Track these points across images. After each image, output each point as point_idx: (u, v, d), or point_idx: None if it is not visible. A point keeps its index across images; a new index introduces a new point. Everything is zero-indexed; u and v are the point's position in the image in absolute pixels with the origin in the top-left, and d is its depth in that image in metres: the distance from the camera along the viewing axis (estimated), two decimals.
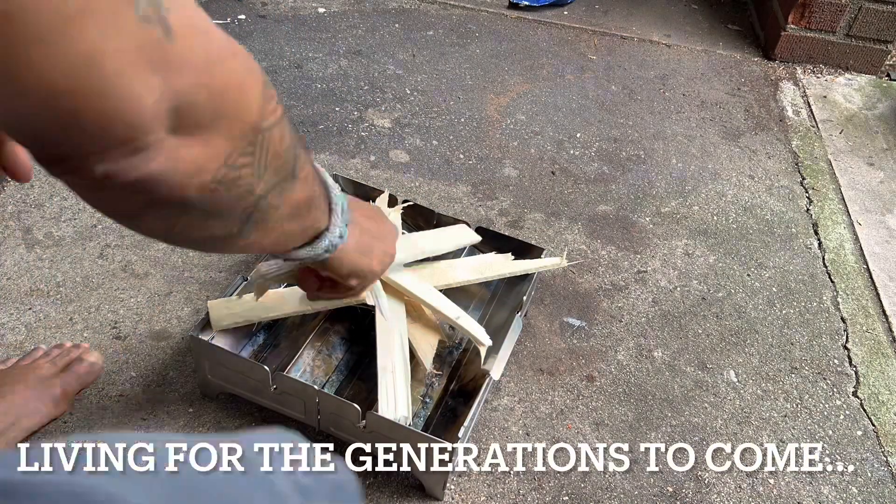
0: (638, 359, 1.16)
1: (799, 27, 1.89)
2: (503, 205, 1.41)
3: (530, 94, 1.71)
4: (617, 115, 1.68)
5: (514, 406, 1.06)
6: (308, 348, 0.99)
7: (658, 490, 0.99)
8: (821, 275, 1.35)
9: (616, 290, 1.27)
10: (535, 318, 1.19)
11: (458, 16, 1.96)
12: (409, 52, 1.79)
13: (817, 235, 1.44)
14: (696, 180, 1.53)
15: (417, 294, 0.98)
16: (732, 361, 1.18)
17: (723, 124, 1.70)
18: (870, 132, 1.75)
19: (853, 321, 1.27)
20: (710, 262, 1.35)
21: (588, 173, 1.51)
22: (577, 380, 1.11)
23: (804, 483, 1.03)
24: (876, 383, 1.17)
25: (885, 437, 1.10)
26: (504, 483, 0.97)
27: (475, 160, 1.50)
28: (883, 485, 1.04)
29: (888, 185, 1.60)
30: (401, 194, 1.24)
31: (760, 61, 1.95)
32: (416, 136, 1.54)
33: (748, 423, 1.09)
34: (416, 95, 1.65)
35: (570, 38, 1.94)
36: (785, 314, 1.27)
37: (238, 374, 0.94)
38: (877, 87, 1.90)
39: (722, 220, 1.44)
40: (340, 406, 0.88)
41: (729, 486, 1.01)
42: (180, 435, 0.50)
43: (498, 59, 1.81)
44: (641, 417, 1.08)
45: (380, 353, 0.94)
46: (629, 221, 1.41)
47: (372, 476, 0.96)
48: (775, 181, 1.56)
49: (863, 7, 1.83)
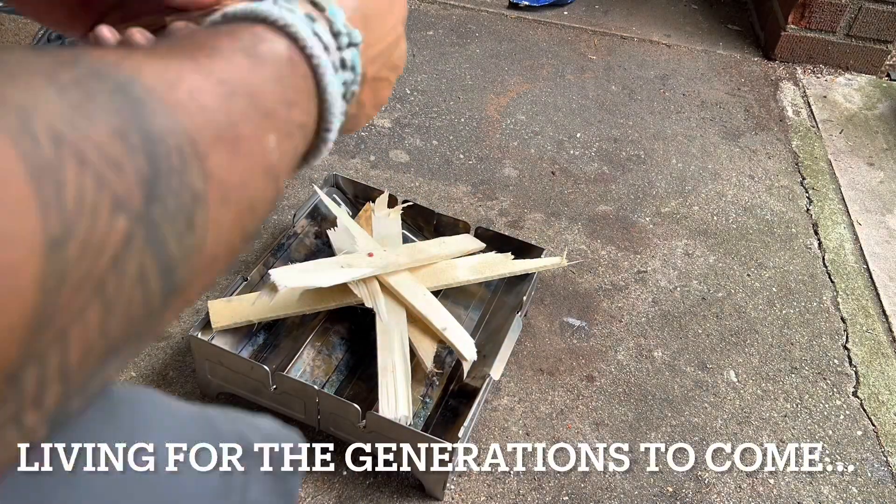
0: (638, 359, 1.16)
1: (799, 27, 1.89)
2: (503, 205, 1.41)
3: (530, 94, 1.71)
4: (617, 115, 1.68)
5: (514, 406, 1.06)
6: (308, 348, 0.99)
7: (658, 490, 0.99)
8: (821, 275, 1.35)
9: (616, 290, 1.27)
10: (535, 318, 1.19)
11: (458, 16, 1.96)
12: (409, 52, 1.79)
13: (817, 235, 1.44)
14: (696, 180, 1.53)
15: (410, 300, 0.98)
16: (732, 361, 1.18)
17: (723, 124, 1.70)
18: (870, 132, 1.75)
19: (853, 321, 1.27)
20: (710, 262, 1.35)
21: (588, 173, 1.51)
22: (577, 380, 1.11)
23: (804, 483, 1.03)
24: (876, 383, 1.17)
25: (885, 437, 1.10)
26: (504, 483, 0.97)
27: (475, 160, 1.50)
28: (883, 485, 1.04)
29: (888, 185, 1.60)
30: (401, 194, 1.24)
31: (760, 61, 1.95)
32: (416, 136, 1.54)
33: (748, 423, 1.09)
34: (416, 95, 1.65)
35: (570, 38, 1.94)
36: (785, 314, 1.27)
37: (238, 374, 0.94)
38: (877, 87, 1.90)
39: (722, 220, 1.44)
40: (340, 406, 0.88)
41: (729, 486, 1.01)
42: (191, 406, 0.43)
43: (498, 59, 1.81)
44: (641, 417, 1.08)
45: (380, 353, 0.94)
46: (629, 221, 1.41)
47: (372, 476, 0.96)
48: (775, 181, 1.56)
49: (863, 7, 1.82)
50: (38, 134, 0.19)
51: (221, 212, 0.26)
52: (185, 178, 0.24)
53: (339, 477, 0.95)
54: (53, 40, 1.65)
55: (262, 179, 0.29)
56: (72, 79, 0.22)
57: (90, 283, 0.21)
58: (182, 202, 0.24)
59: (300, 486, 0.81)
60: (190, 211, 0.24)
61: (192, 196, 0.24)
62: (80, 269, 0.20)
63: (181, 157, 0.24)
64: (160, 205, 0.23)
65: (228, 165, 0.26)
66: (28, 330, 0.19)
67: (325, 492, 0.94)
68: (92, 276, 0.21)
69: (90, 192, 0.20)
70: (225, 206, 0.26)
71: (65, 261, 0.20)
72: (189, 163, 0.24)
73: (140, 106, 0.23)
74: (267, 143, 0.28)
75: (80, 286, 0.21)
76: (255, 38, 0.29)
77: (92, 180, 0.21)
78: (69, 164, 0.20)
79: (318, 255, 1.12)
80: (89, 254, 0.21)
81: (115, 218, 0.21)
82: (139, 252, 0.22)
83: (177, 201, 0.24)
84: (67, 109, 0.21)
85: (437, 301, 1.00)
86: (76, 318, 0.21)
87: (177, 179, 0.24)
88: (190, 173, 0.24)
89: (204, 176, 0.25)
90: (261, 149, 0.28)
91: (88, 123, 0.21)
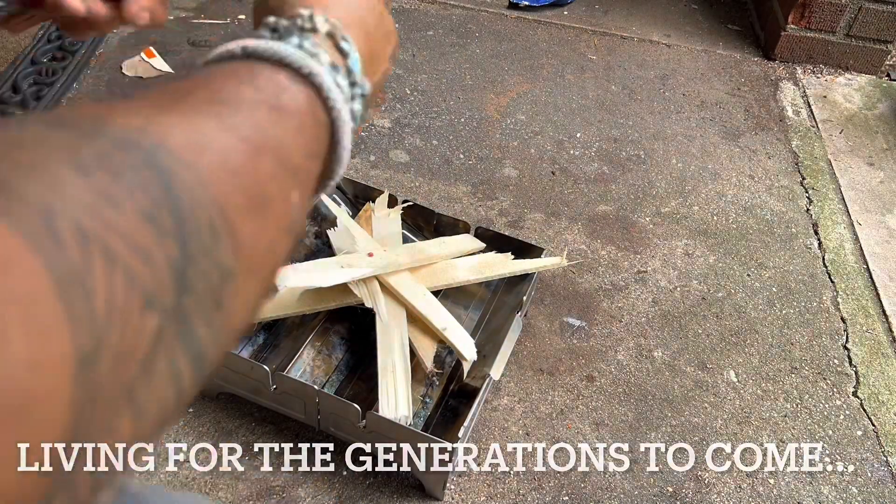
0: (638, 359, 1.16)
1: (799, 27, 1.89)
2: (503, 205, 1.41)
3: (530, 94, 1.71)
4: (617, 115, 1.68)
5: (514, 406, 1.06)
6: (308, 348, 0.99)
7: (658, 490, 0.99)
8: (821, 275, 1.35)
9: (616, 290, 1.27)
10: (535, 318, 1.19)
11: (458, 16, 1.96)
12: (409, 52, 1.79)
13: (817, 235, 1.44)
14: (696, 180, 1.53)
15: (410, 300, 0.98)
16: (732, 361, 1.18)
17: (723, 124, 1.70)
18: (870, 132, 1.75)
19: (853, 321, 1.27)
20: (710, 262, 1.35)
21: (588, 173, 1.51)
22: (577, 380, 1.11)
23: (804, 483, 1.03)
24: (876, 383, 1.17)
25: (885, 437, 1.10)
26: (504, 483, 0.97)
27: (475, 160, 1.50)
28: (883, 485, 1.04)
29: (888, 185, 1.60)
30: (401, 194, 1.24)
31: (760, 61, 1.95)
32: (416, 136, 1.54)
33: (748, 423, 1.09)
34: (416, 95, 1.65)
35: (570, 38, 1.94)
36: (785, 314, 1.27)
37: (238, 374, 0.94)
38: (877, 87, 1.90)
39: (722, 220, 1.44)
40: (340, 406, 0.88)
41: (729, 486, 1.01)
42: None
43: (498, 59, 1.81)
44: (641, 417, 1.08)
45: (380, 353, 0.94)
46: (629, 221, 1.41)
47: (372, 476, 0.96)
48: (775, 181, 1.56)
49: (863, 7, 1.82)
50: (62, 234, 0.18)
51: (248, 282, 0.25)
52: (214, 256, 0.22)
53: (339, 477, 0.95)
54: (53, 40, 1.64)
55: (286, 239, 0.27)
56: (96, 155, 0.20)
57: (122, 392, 0.19)
58: (212, 283, 0.22)
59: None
60: (219, 290, 0.23)
61: (222, 274, 0.23)
62: (114, 380, 0.19)
63: (212, 232, 0.22)
64: (191, 293, 0.21)
65: (257, 233, 0.25)
66: (59, 458, 0.18)
67: (325, 492, 0.94)
68: (124, 384, 0.19)
69: (120, 293, 0.19)
70: (252, 276, 0.25)
71: (97, 376, 0.18)
72: (219, 238, 0.23)
73: (169, 177, 0.22)
74: (291, 201, 0.27)
75: (112, 397, 0.19)
76: (279, 89, 0.28)
77: (122, 278, 0.19)
78: (97, 265, 0.18)
79: (318, 255, 1.12)
80: (122, 361, 0.19)
81: (146, 317, 0.19)
82: (170, 347, 0.21)
83: (207, 284, 0.22)
84: (93, 197, 0.19)
85: (437, 301, 1.00)
86: (107, 431, 0.19)
87: (207, 260, 0.22)
88: (220, 250, 0.23)
89: (234, 249, 0.23)
90: (286, 208, 0.27)
91: (115, 212, 0.19)
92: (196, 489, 0.94)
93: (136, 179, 0.21)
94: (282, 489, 0.94)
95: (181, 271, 0.21)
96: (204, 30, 1.77)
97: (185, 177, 0.22)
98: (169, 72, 1.63)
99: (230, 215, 0.23)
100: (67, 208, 0.18)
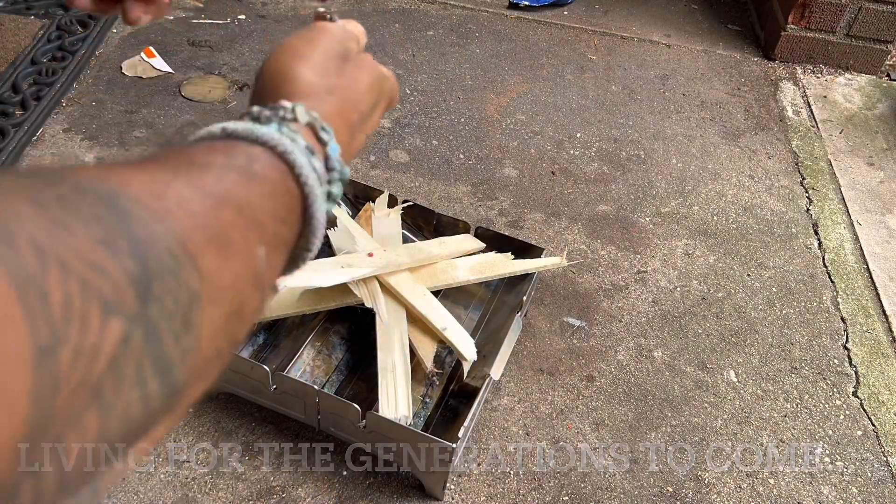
0: (638, 359, 1.16)
1: (799, 27, 1.89)
2: (503, 205, 1.41)
3: (530, 94, 1.71)
4: (617, 115, 1.68)
5: (514, 406, 1.06)
6: (308, 348, 0.99)
7: (658, 490, 0.99)
8: (821, 275, 1.35)
9: (616, 290, 1.27)
10: (535, 318, 1.19)
11: (458, 16, 1.96)
12: (409, 52, 1.79)
13: (817, 235, 1.44)
14: (696, 180, 1.53)
15: (410, 300, 0.98)
16: (732, 361, 1.18)
17: (723, 124, 1.70)
18: (870, 132, 1.75)
19: (853, 321, 1.27)
20: (710, 262, 1.35)
21: (588, 173, 1.51)
22: (577, 380, 1.11)
23: (804, 483, 1.03)
24: (876, 383, 1.17)
25: (885, 437, 1.10)
26: (504, 483, 0.97)
27: (475, 160, 1.50)
28: (883, 485, 1.04)
29: (888, 185, 1.60)
30: (401, 194, 1.24)
31: (760, 61, 1.95)
32: (416, 136, 1.54)
33: (748, 423, 1.09)
34: (416, 95, 1.65)
35: (570, 38, 1.94)
36: (785, 314, 1.27)
37: (238, 374, 0.94)
38: (877, 87, 1.90)
39: (722, 220, 1.44)
40: (340, 406, 0.88)
41: (729, 486, 1.01)
42: None
43: (498, 59, 1.81)
44: (641, 417, 1.08)
45: (380, 353, 0.94)
46: (629, 221, 1.41)
47: (372, 476, 0.96)
48: (775, 181, 1.56)
49: (863, 7, 1.82)
50: (21, 247, 0.20)
51: (213, 312, 0.26)
52: (180, 277, 0.24)
53: (339, 477, 0.95)
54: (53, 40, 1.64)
55: (251, 285, 0.28)
56: (54, 196, 0.22)
57: (86, 388, 0.21)
58: (180, 300, 0.24)
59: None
60: (188, 309, 0.24)
61: (190, 295, 0.24)
62: (75, 375, 0.20)
63: (173, 257, 0.24)
64: (157, 304, 0.23)
65: (219, 266, 0.26)
66: (23, 444, 0.19)
67: (325, 492, 0.94)
68: (88, 381, 0.21)
69: (76, 297, 0.20)
70: (216, 306, 0.26)
71: (57, 368, 0.20)
72: (182, 262, 0.24)
73: (126, 215, 0.23)
74: (256, 252, 0.28)
75: (76, 392, 0.20)
76: (250, 159, 0.29)
77: (77, 285, 0.20)
78: (52, 273, 0.20)
79: (318, 255, 1.12)
80: (83, 358, 0.20)
81: (108, 320, 0.21)
82: (137, 353, 0.22)
83: (175, 300, 0.24)
84: (49, 224, 0.21)
85: (437, 301, 1.00)
86: (72, 425, 0.21)
87: (172, 279, 0.24)
88: (185, 272, 0.24)
89: (199, 274, 0.25)
90: (250, 255, 0.28)
91: (68, 234, 0.21)
92: (196, 489, 0.94)
93: (91, 213, 0.22)
94: (282, 489, 0.94)
95: (143, 284, 0.22)
96: (204, 30, 1.78)
97: (140, 215, 0.24)
98: (169, 71, 1.63)
99: (190, 246, 0.25)
100: (25, 229, 0.20)
